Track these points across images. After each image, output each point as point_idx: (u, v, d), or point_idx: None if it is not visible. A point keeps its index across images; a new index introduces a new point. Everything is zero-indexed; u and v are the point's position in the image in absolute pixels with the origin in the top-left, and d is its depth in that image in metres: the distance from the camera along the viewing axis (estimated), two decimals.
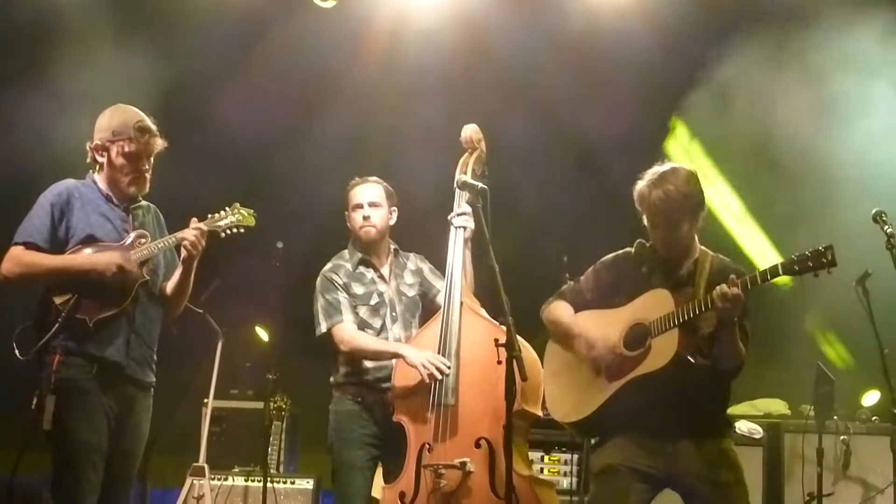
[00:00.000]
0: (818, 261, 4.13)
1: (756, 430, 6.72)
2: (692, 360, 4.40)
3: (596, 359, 4.57)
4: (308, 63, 7.70)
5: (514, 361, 4.29)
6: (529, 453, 6.69)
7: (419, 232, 5.66)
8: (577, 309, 4.78)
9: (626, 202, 4.62)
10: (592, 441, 4.93)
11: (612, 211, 4.87)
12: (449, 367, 5.10)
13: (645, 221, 4.57)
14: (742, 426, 6.64)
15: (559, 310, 4.81)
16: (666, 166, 4.55)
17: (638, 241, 4.70)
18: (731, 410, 6.79)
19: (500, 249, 4.55)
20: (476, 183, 4.85)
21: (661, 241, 4.55)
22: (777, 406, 7.21)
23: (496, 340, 4.43)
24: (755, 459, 6.65)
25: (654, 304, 4.48)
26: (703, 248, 4.61)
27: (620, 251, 4.77)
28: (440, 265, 5.46)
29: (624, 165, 4.65)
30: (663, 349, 4.38)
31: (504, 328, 4.39)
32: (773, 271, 4.20)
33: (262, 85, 7.68)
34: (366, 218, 5.57)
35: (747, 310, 4.42)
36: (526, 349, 4.78)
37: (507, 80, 7.81)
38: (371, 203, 5.58)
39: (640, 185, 4.53)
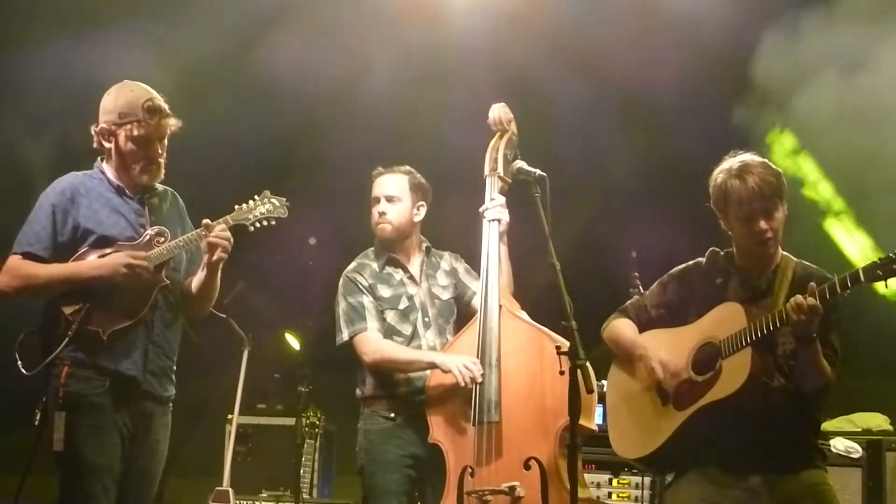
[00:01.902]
0: None
1: (854, 449, 6.64)
2: (769, 383, 4.33)
3: (659, 384, 4.54)
4: (348, 34, 7.70)
5: (580, 371, 4.24)
6: (596, 476, 6.72)
7: (467, 219, 5.61)
8: (643, 327, 4.74)
9: (690, 170, 4.56)
10: (667, 479, 4.88)
11: (678, 183, 4.79)
12: (482, 375, 5.05)
13: (723, 224, 4.53)
14: (838, 444, 6.57)
15: (621, 328, 4.78)
16: (743, 157, 4.49)
17: (710, 249, 4.66)
18: (826, 426, 6.75)
19: (557, 239, 4.52)
20: (533, 169, 4.81)
21: (748, 237, 4.45)
22: (878, 421, 7.11)
23: (558, 348, 4.39)
24: (853, 481, 6.57)
25: (725, 319, 4.42)
26: (785, 253, 4.55)
27: (691, 262, 4.72)
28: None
29: (688, 131, 4.57)
30: (735, 372, 4.30)
31: (551, 334, 4.37)
32: (854, 278, 4.09)
33: (294, 58, 7.71)
34: (381, 214, 5.55)
35: (833, 322, 4.33)
36: None
37: (559, 40, 7.77)
38: (388, 197, 5.56)
39: (720, 179, 4.47)
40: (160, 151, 4.90)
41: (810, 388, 4.33)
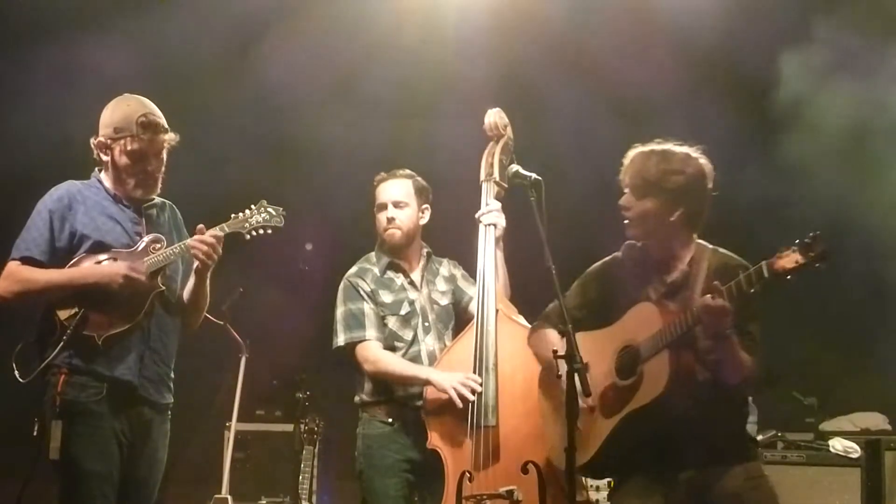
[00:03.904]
0: (805, 254, 3.92)
1: (853, 449, 6.63)
2: (694, 378, 4.29)
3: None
4: (342, 31, 7.71)
5: (577, 375, 4.23)
6: (594, 479, 6.72)
7: (462, 222, 5.64)
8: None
9: None
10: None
11: None
12: (481, 385, 5.08)
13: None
14: (837, 444, 6.57)
15: (544, 339, 4.74)
16: (666, 145, 4.52)
17: (626, 242, 4.64)
18: (825, 426, 6.78)
19: (554, 242, 4.50)
20: (528, 174, 4.78)
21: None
22: (876, 420, 7.13)
23: (554, 352, 4.37)
24: (852, 481, 6.55)
25: (641, 321, 4.38)
26: (700, 242, 4.50)
27: (608, 257, 4.71)
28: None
29: (683, 134, 4.57)
30: (655, 377, 4.25)
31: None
32: (758, 274, 4.01)
33: (287, 62, 7.67)
34: (390, 220, 5.56)
35: (753, 312, 4.30)
36: None
37: (554, 43, 7.75)
38: (396, 203, 5.56)
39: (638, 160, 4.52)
40: (152, 167, 4.92)
41: (732, 380, 4.28)
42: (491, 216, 5.35)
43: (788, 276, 3.97)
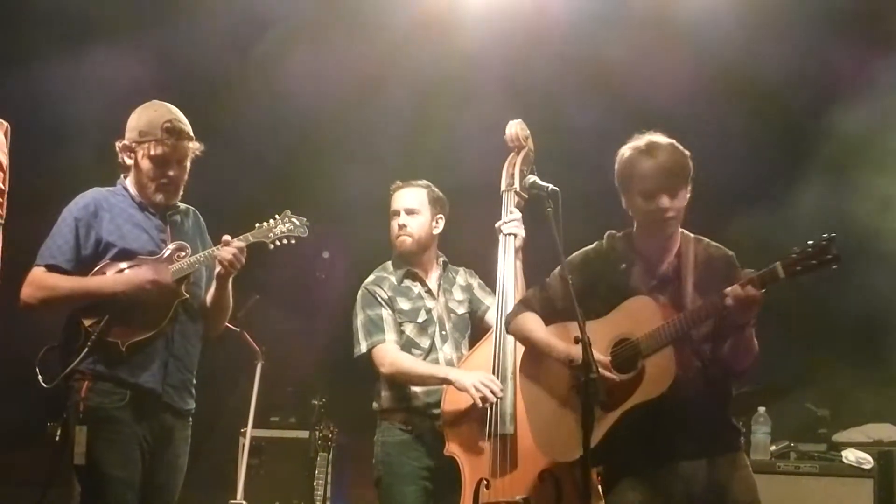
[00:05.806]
0: (822, 256, 3.94)
1: (865, 460, 6.63)
2: (691, 375, 4.30)
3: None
4: (360, 42, 7.74)
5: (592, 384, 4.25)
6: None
7: (477, 234, 5.71)
8: (548, 321, 4.66)
9: (703, 183, 4.56)
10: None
11: (696, 203, 4.83)
12: (501, 390, 5.13)
13: (625, 203, 4.50)
14: (850, 455, 6.57)
15: (529, 323, 4.69)
16: (651, 136, 4.47)
17: (608, 232, 4.61)
18: (837, 438, 6.81)
19: (572, 252, 4.56)
20: (546, 184, 4.81)
21: (650, 215, 4.41)
22: (889, 432, 7.13)
23: (570, 361, 4.42)
24: (865, 493, 6.52)
25: (638, 314, 4.36)
26: (683, 231, 4.49)
27: (589, 247, 4.67)
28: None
29: (702, 145, 4.58)
30: (660, 373, 4.24)
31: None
32: (773, 274, 4.03)
33: (306, 72, 7.70)
34: (401, 227, 5.62)
35: None
36: None
37: (574, 57, 7.78)
38: (408, 210, 5.63)
39: (628, 154, 4.46)
40: (174, 173, 4.96)
41: (743, 366, 4.35)
42: (511, 226, 5.41)
43: (804, 276, 3.99)
